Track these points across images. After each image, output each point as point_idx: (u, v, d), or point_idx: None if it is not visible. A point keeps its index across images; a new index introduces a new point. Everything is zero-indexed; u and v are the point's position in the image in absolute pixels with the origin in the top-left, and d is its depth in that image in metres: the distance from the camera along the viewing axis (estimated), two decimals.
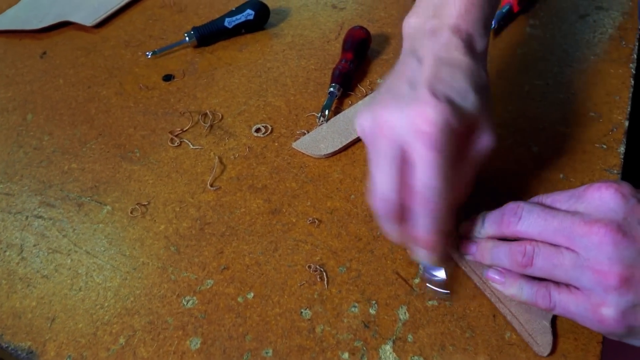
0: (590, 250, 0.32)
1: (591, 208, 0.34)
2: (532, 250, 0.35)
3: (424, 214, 0.35)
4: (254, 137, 0.53)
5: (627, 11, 0.63)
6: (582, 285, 0.33)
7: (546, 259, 0.34)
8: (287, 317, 0.40)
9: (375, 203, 0.37)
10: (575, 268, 0.33)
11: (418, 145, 0.33)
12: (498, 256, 0.37)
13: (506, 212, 0.37)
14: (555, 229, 0.34)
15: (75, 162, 0.52)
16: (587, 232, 0.32)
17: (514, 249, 0.36)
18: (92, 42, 0.66)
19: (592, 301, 0.33)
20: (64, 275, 0.43)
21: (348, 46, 0.58)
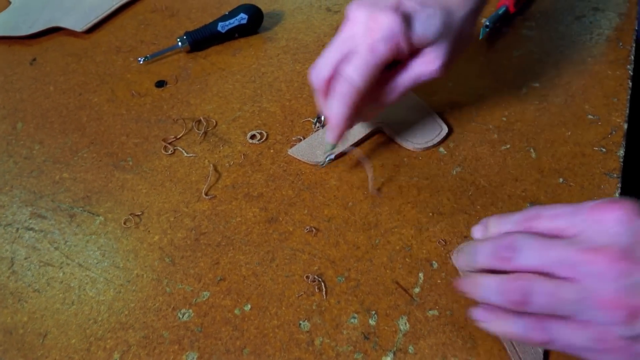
0: (593, 280, 0.30)
1: (594, 231, 0.31)
2: (530, 287, 0.31)
3: (335, 96, 0.41)
4: (249, 144, 0.52)
5: (624, 12, 0.62)
6: (587, 318, 0.30)
7: (546, 296, 0.31)
8: (286, 330, 0.39)
9: (310, 74, 0.43)
10: (578, 302, 0.30)
11: (361, 43, 0.40)
12: (489, 294, 0.34)
13: (500, 246, 0.34)
14: (557, 261, 0.31)
15: (67, 171, 0.51)
16: (591, 260, 0.30)
17: (507, 287, 0.32)
18: (83, 48, 0.65)
19: (596, 334, 0.30)
20: (56, 289, 0.42)
21: None
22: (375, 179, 0.48)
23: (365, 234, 0.44)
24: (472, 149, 0.49)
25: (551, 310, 0.31)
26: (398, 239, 0.43)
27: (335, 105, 0.42)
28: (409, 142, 0.49)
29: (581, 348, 0.31)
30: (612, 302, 0.29)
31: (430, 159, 0.49)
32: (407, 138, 0.50)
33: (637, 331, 0.29)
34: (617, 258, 0.29)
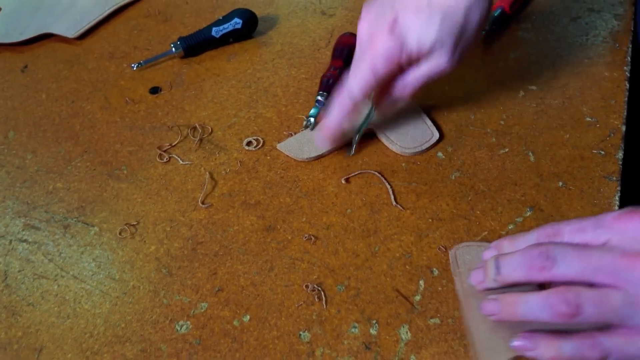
0: (638, 285, 0.30)
1: (628, 239, 0.32)
2: (578, 297, 0.31)
3: (334, 106, 0.46)
4: (245, 151, 0.51)
5: (620, 13, 0.62)
6: (636, 322, 0.30)
7: (595, 305, 0.31)
8: (286, 340, 0.38)
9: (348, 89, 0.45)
10: (625, 306, 0.30)
11: (363, 60, 0.44)
12: (533, 311, 0.33)
13: (537, 256, 0.33)
14: (597, 268, 0.31)
15: (60, 181, 0.50)
16: (631, 266, 0.30)
17: (554, 300, 0.32)
18: (75, 54, 0.64)
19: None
20: (50, 302, 0.42)
21: (338, 54, 0.57)
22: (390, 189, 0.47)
23: (365, 242, 0.43)
24: (471, 153, 0.49)
25: (601, 318, 0.31)
26: (398, 246, 0.43)
27: (333, 114, 0.46)
28: (397, 146, 0.49)
29: (637, 355, 0.31)
30: None
31: (428, 164, 0.48)
32: (397, 142, 0.49)
33: None
34: None
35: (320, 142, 0.49)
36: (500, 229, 0.43)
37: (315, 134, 0.51)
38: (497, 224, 0.44)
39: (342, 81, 0.46)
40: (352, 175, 0.48)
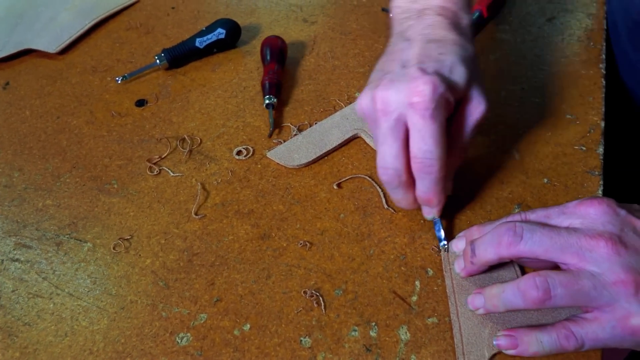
0: (601, 264, 0.32)
1: (588, 223, 0.34)
2: (545, 281, 0.33)
3: (424, 176, 0.39)
4: (236, 160, 0.51)
5: (592, 12, 0.64)
6: (605, 302, 0.32)
7: (563, 287, 0.32)
8: (287, 347, 0.39)
9: (382, 174, 0.40)
10: (595, 288, 0.32)
11: (413, 116, 0.38)
12: (509, 300, 0.35)
13: (504, 232, 0.35)
14: (562, 246, 0.33)
15: (50, 198, 0.50)
16: (594, 245, 0.32)
17: (524, 286, 0.33)
18: (58, 69, 0.63)
19: (618, 316, 0.32)
20: (47, 321, 0.41)
21: (269, 57, 0.58)
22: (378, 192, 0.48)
23: (359, 245, 0.44)
24: None
25: (572, 300, 0.33)
26: (392, 248, 0.44)
27: (427, 184, 0.40)
28: None
29: (608, 339, 0.33)
30: (624, 280, 0.31)
31: None
32: None
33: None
34: (616, 242, 0.32)
35: (427, 212, 0.43)
36: None
37: (304, 139, 0.51)
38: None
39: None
40: (343, 180, 0.49)
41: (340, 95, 0.57)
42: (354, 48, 0.63)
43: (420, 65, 0.39)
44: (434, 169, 0.39)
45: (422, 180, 0.40)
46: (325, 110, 0.55)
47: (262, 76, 0.57)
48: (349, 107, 0.55)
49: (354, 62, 0.61)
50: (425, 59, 0.39)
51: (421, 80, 0.37)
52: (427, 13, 0.43)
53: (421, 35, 0.41)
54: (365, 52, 0.62)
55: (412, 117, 0.38)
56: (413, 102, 0.37)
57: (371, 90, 0.40)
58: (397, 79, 0.39)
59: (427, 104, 0.37)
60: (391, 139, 0.39)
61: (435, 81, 0.37)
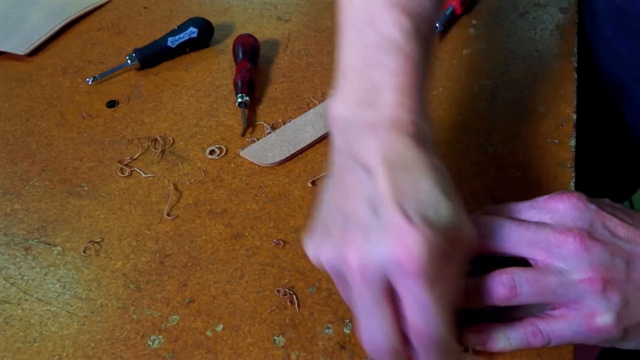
0: (569, 260, 0.32)
1: (558, 218, 0.33)
2: (512, 278, 0.32)
3: (428, 349, 0.31)
4: (209, 160, 0.51)
5: (564, 7, 0.65)
6: (571, 299, 0.32)
7: (530, 284, 0.32)
8: (260, 347, 0.38)
9: (370, 351, 0.32)
10: (561, 286, 0.32)
11: (407, 283, 0.29)
12: (478, 296, 0.33)
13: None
14: (531, 241, 0.33)
15: (18, 202, 0.49)
16: (562, 241, 0.32)
17: (490, 283, 0.32)
18: (27, 71, 0.62)
19: (584, 314, 0.32)
20: (15, 327, 0.40)
21: (241, 55, 0.58)
22: None
23: None
24: None
25: (538, 298, 0.32)
26: None
27: (428, 356, 0.31)
28: None
29: (574, 336, 0.33)
30: (591, 278, 0.31)
31: None
32: None
33: (619, 303, 0.31)
34: (585, 238, 0.32)
35: None
36: None
37: (278, 137, 0.51)
38: None
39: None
40: (318, 177, 0.48)
41: (314, 92, 0.57)
42: (328, 45, 0.62)
43: (399, 209, 0.29)
44: (438, 337, 0.30)
45: (424, 352, 0.31)
46: (299, 108, 0.55)
47: (235, 75, 0.56)
48: (322, 104, 0.54)
49: (329, 60, 0.61)
50: (402, 198, 0.29)
51: (409, 235, 0.28)
52: (381, 127, 0.32)
53: (382, 160, 0.31)
54: None
55: (405, 283, 0.29)
56: (404, 267, 0.28)
57: (337, 245, 0.30)
58: (372, 231, 0.29)
59: (422, 266, 0.28)
60: (379, 314, 0.30)
61: (426, 234, 0.28)
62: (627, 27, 0.55)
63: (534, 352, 0.37)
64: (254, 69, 0.58)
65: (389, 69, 0.34)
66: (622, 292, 0.31)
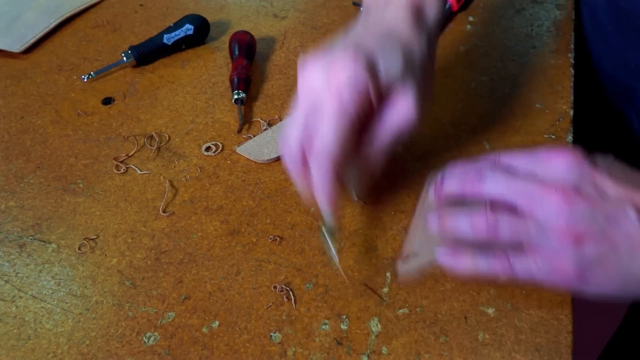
0: (549, 213, 0.34)
1: (550, 172, 0.35)
2: (496, 218, 0.35)
3: (318, 167, 0.36)
4: (205, 157, 0.51)
5: (561, 3, 0.65)
6: (544, 246, 0.34)
7: (510, 226, 0.35)
8: (257, 343, 0.38)
9: (283, 154, 0.39)
10: (537, 234, 0.34)
11: (327, 98, 0.35)
12: (459, 225, 0.36)
13: (471, 170, 0.37)
14: (517, 191, 0.35)
15: (13, 199, 0.48)
16: (546, 194, 0.34)
17: (474, 218, 0.36)
18: (22, 68, 0.62)
19: (552, 258, 0.34)
20: (9, 324, 0.40)
21: (237, 52, 0.58)
22: None
23: (330, 238, 0.43)
24: (429, 144, 0.50)
25: (516, 239, 0.35)
26: (363, 241, 0.43)
27: (317, 182, 0.37)
28: None
29: (538, 273, 0.35)
30: (564, 231, 0.33)
31: None
32: None
33: (584, 256, 0.33)
34: (568, 193, 0.33)
35: (325, 215, 0.39)
36: None
37: (274, 134, 0.51)
38: None
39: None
40: None
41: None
42: (324, 42, 0.62)
43: (356, 47, 0.36)
44: (323, 168, 0.36)
45: (314, 170, 0.37)
46: None
47: (231, 72, 0.56)
48: None
49: None
50: (366, 44, 0.37)
51: (347, 63, 0.35)
52: (393, 4, 0.42)
53: (379, 24, 0.40)
54: None
55: (325, 98, 0.35)
56: (331, 84, 0.35)
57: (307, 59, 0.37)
58: (330, 56, 0.36)
59: (344, 88, 0.34)
60: (299, 118, 0.37)
61: (360, 67, 0.35)
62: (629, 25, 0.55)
63: (531, 346, 0.37)
64: (250, 65, 0.58)
65: None
66: (594, 248, 0.33)
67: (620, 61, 0.58)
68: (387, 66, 0.36)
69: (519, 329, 0.38)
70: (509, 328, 0.38)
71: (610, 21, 0.59)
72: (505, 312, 0.39)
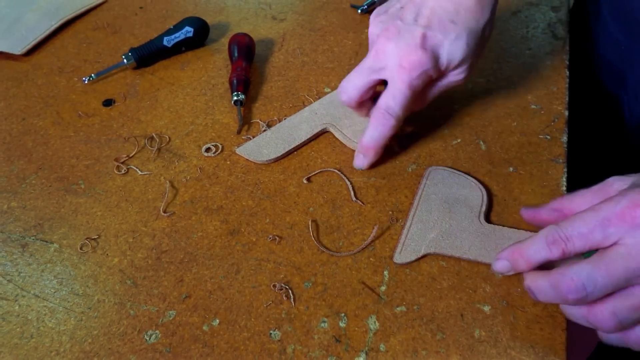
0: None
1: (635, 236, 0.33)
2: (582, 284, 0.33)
3: (376, 126, 0.46)
4: (205, 157, 0.51)
5: (556, 5, 0.65)
6: None
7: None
8: (256, 341, 0.39)
9: (341, 94, 0.48)
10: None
11: (396, 75, 0.44)
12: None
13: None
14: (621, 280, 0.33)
15: (15, 200, 0.49)
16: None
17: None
18: (23, 70, 0.62)
19: None
20: (12, 323, 0.41)
21: (237, 54, 0.58)
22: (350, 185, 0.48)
23: (329, 238, 0.44)
24: (425, 145, 0.51)
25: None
26: (361, 240, 0.44)
27: (375, 135, 0.46)
28: (354, 143, 0.50)
29: None
30: None
31: (385, 158, 0.49)
32: (354, 139, 0.50)
33: None
34: None
35: (360, 162, 0.48)
36: None
37: (273, 134, 0.51)
38: None
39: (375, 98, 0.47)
40: (313, 174, 0.49)
41: (309, 90, 0.57)
42: (322, 44, 0.63)
43: (426, 30, 0.43)
44: (387, 125, 0.45)
45: (373, 129, 0.46)
46: (294, 106, 0.56)
47: (230, 73, 0.57)
48: (318, 102, 0.55)
49: (323, 58, 0.61)
50: (435, 23, 0.44)
51: (416, 52, 0.43)
52: None
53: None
54: (334, 48, 0.62)
55: (394, 74, 0.44)
56: (402, 66, 0.43)
57: (380, 27, 0.46)
58: (403, 34, 0.44)
59: (411, 74, 0.43)
60: (364, 75, 0.46)
61: (426, 58, 0.43)
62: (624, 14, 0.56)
63: (526, 343, 0.37)
64: (249, 67, 0.59)
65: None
66: None
67: (614, 44, 0.59)
68: (449, 55, 0.44)
69: (514, 326, 0.38)
70: (505, 325, 0.38)
71: (604, 2, 0.60)
72: (501, 309, 0.39)
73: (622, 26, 0.57)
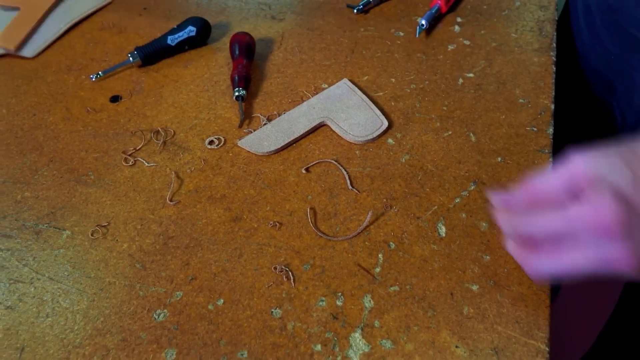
0: None
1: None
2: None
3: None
4: (208, 150, 0.54)
5: (544, 4, 0.68)
6: None
7: None
8: (259, 318, 0.41)
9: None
10: None
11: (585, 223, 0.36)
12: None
13: None
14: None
15: (28, 190, 0.52)
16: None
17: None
18: (33, 69, 0.65)
19: None
20: (28, 304, 0.43)
21: (238, 52, 0.61)
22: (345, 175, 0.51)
23: (326, 224, 0.47)
24: (418, 137, 0.53)
25: None
26: (356, 225, 0.46)
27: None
28: (350, 135, 0.53)
29: None
30: None
31: (380, 150, 0.52)
32: (350, 131, 0.53)
33: None
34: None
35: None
36: (448, 202, 0.48)
37: (273, 128, 0.54)
38: (446, 198, 0.48)
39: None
40: (311, 164, 0.51)
41: (307, 86, 0.60)
42: (320, 42, 0.66)
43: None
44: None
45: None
46: (293, 101, 0.58)
47: (232, 70, 0.59)
48: (315, 97, 0.57)
49: (321, 56, 0.64)
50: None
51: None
52: None
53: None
54: (331, 46, 0.65)
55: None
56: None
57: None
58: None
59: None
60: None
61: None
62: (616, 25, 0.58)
63: (512, 319, 0.40)
64: (250, 65, 0.61)
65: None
66: None
67: (604, 53, 0.61)
68: None
69: (500, 303, 0.41)
70: (492, 303, 0.41)
71: (597, 13, 0.62)
72: (488, 288, 0.42)
73: (614, 36, 0.59)
